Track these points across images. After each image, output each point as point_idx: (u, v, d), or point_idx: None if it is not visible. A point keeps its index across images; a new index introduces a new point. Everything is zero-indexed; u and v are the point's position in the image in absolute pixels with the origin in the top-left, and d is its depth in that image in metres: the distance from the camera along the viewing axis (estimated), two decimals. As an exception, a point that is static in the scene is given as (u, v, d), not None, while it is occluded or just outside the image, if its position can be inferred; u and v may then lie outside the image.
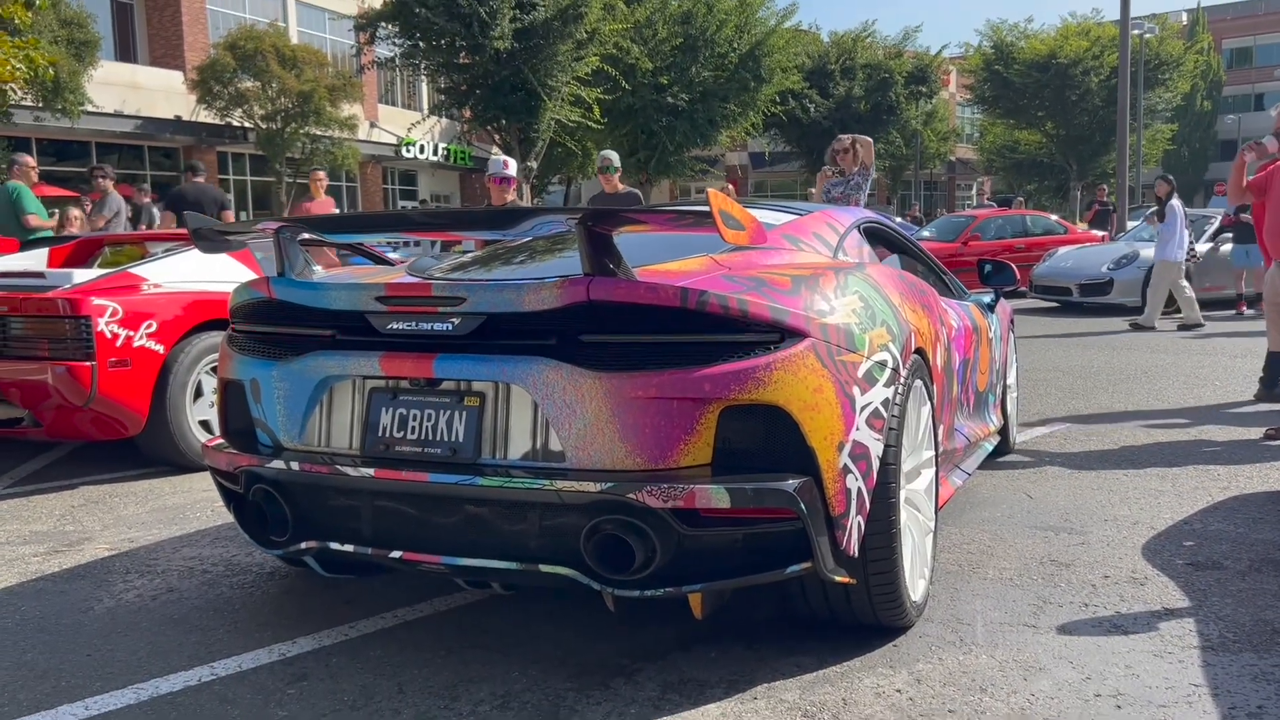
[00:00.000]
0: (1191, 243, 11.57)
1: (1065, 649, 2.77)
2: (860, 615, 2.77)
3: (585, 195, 40.58)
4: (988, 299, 4.99)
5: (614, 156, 8.04)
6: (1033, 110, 35.41)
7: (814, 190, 8.40)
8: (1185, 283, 11.32)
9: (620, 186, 7.97)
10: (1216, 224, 13.37)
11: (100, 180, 9.73)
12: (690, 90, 23.87)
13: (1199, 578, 3.32)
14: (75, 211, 9.79)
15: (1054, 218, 18.43)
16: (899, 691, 2.54)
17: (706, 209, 2.37)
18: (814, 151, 33.97)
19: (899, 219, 24.18)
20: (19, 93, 17.16)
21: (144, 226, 11.42)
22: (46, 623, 3.12)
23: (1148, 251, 12.96)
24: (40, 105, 19.58)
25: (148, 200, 13.18)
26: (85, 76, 20.20)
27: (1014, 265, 5.08)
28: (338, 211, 10.12)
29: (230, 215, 9.72)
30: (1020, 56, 34.70)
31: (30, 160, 9.18)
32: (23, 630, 3.06)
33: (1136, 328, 11.25)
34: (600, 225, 2.48)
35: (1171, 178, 11.80)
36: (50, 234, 8.78)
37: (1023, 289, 14.38)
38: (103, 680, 2.69)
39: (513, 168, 7.58)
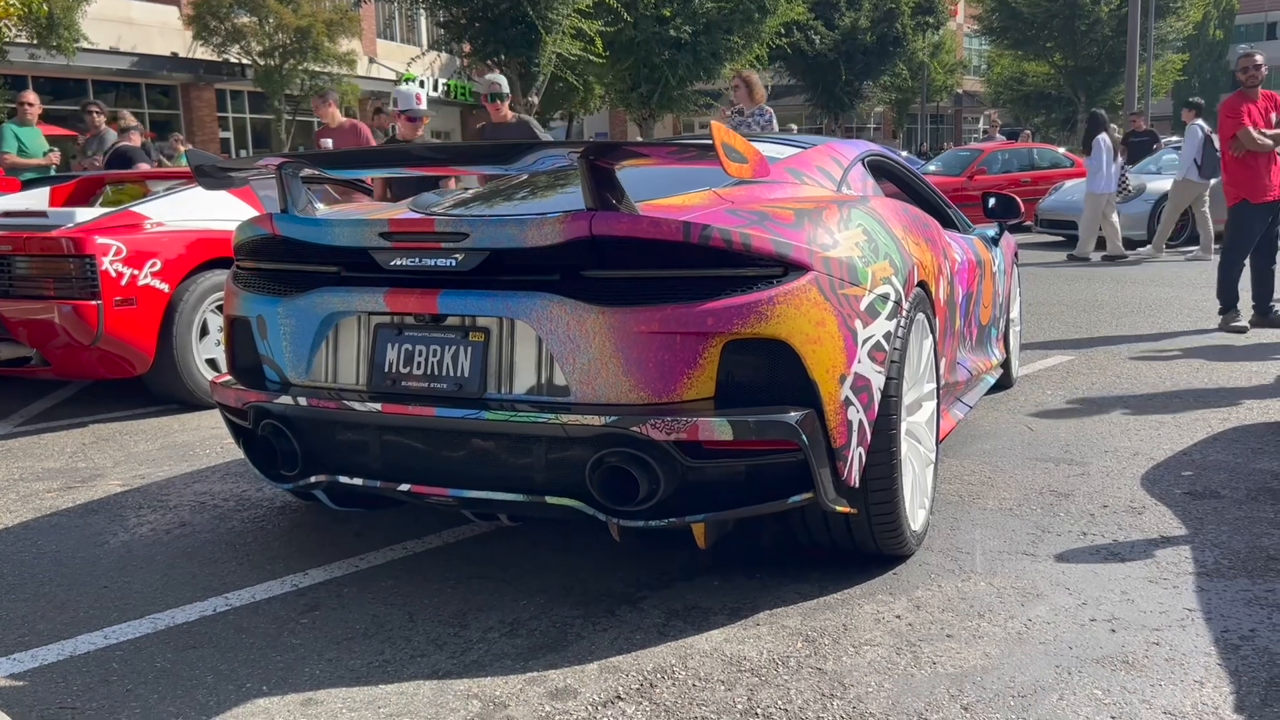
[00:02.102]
0: (1124, 175, 11.79)
1: (1062, 576, 2.82)
2: (861, 544, 2.82)
3: (588, 130, 40.13)
4: (992, 233, 4.98)
5: (501, 82, 7.05)
6: (1041, 41, 34.80)
7: None
8: (1114, 216, 11.65)
9: (510, 115, 7.08)
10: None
11: (95, 116, 9.60)
12: (693, 22, 23.45)
13: (1196, 506, 3.37)
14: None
15: (1061, 150, 18.25)
16: (898, 617, 2.59)
17: (709, 142, 2.37)
18: (819, 85, 33.54)
19: (904, 153, 23.95)
20: (13, 29, 16.94)
21: (158, 163, 11.30)
22: (63, 556, 3.18)
23: (1155, 184, 12.90)
24: (35, 42, 19.33)
25: (145, 138, 13.06)
26: (79, 12, 19.89)
27: (1019, 199, 5.05)
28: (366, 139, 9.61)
29: None
30: (1029, -15, 34.05)
31: (31, 98, 9.07)
32: (40, 563, 3.13)
33: (1072, 259, 11.69)
34: (603, 159, 2.48)
35: (1101, 113, 12.09)
36: (51, 171, 8.72)
37: (1028, 223, 14.30)
38: (120, 611, 2.75)
39: (425, 102, 6.51)
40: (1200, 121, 11.24)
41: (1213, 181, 11.15)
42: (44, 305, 4.78)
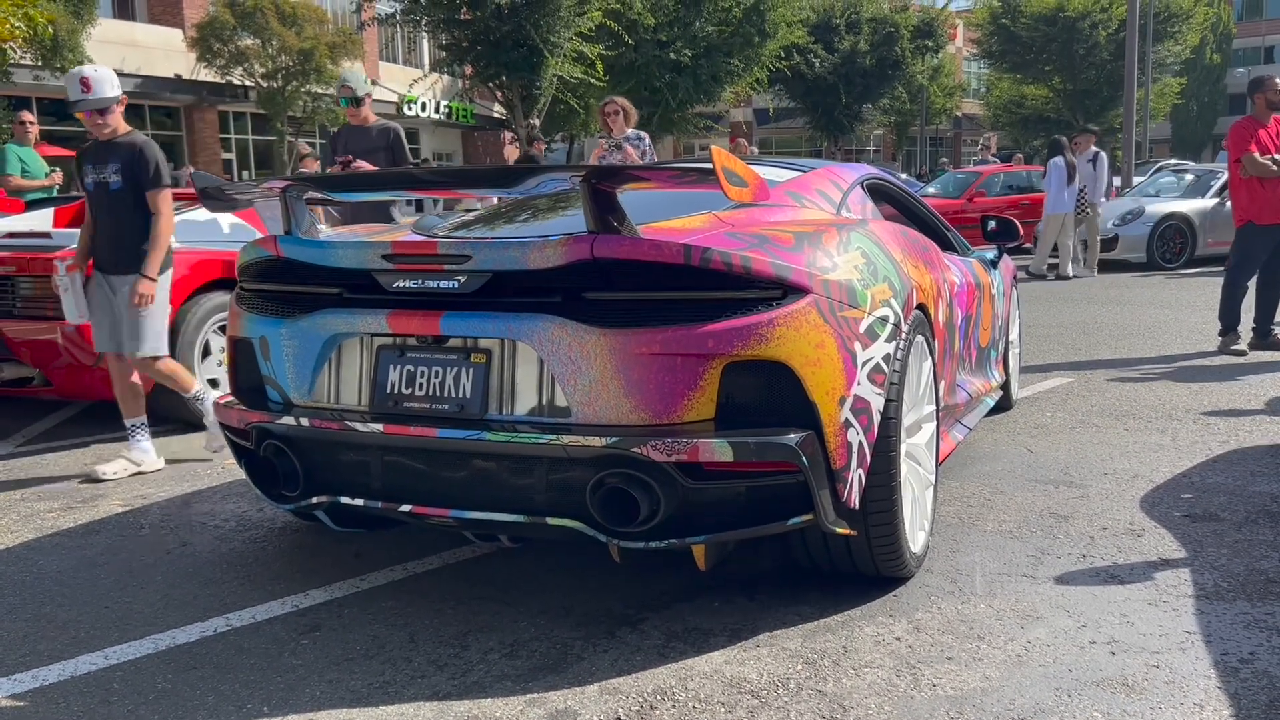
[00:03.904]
0: (1083, 195, 12.17)
1: (1062, 598, 2.82)
2: (861, 566, 2.83)
3: (589, 153, 40.21)
4: (991, 255, 5.01)
5: (354, 85, 5.92)
6: (1040, 64, 35.00)
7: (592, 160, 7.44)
8: (1069, 236, 12.15)
9: (371, 118, 6.15)
10: (1223, 179, 13.31)
11: None
12: (694, 46, 23.61)
13: (1196, 529, 3.37)
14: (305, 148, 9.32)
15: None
16: (898, 639, 2.59)
17: (709, 166, 2.39)
18: (819, 108, 33.68)
19: (904, 175, 24.03)
20: (18, 51, 17.05)
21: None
22: (64, 576, 3.19)
23: (1154, 207, 12.98)
24: (39, 64, 19.45)
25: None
26: (84, 34, 20.04)
27: (1018, 222, 5.09)
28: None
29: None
30: (1027, 9, 34.24)
31: (29, 117, 9.12)
32: (41, 584, 3.13)
33: (1029, 275, 12.25)
34: (604, 183, 2.50)
35: (1060, 138, 12.53)
36: (53, 192, 8.75)
37: (1027, 245, 14.34)
38: (120, 631, 2.76)
39: (106, 86, 4.30)
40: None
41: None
42: (47, 326, 4.80)
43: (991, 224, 4.99)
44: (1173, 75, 38.98)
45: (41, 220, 6.36)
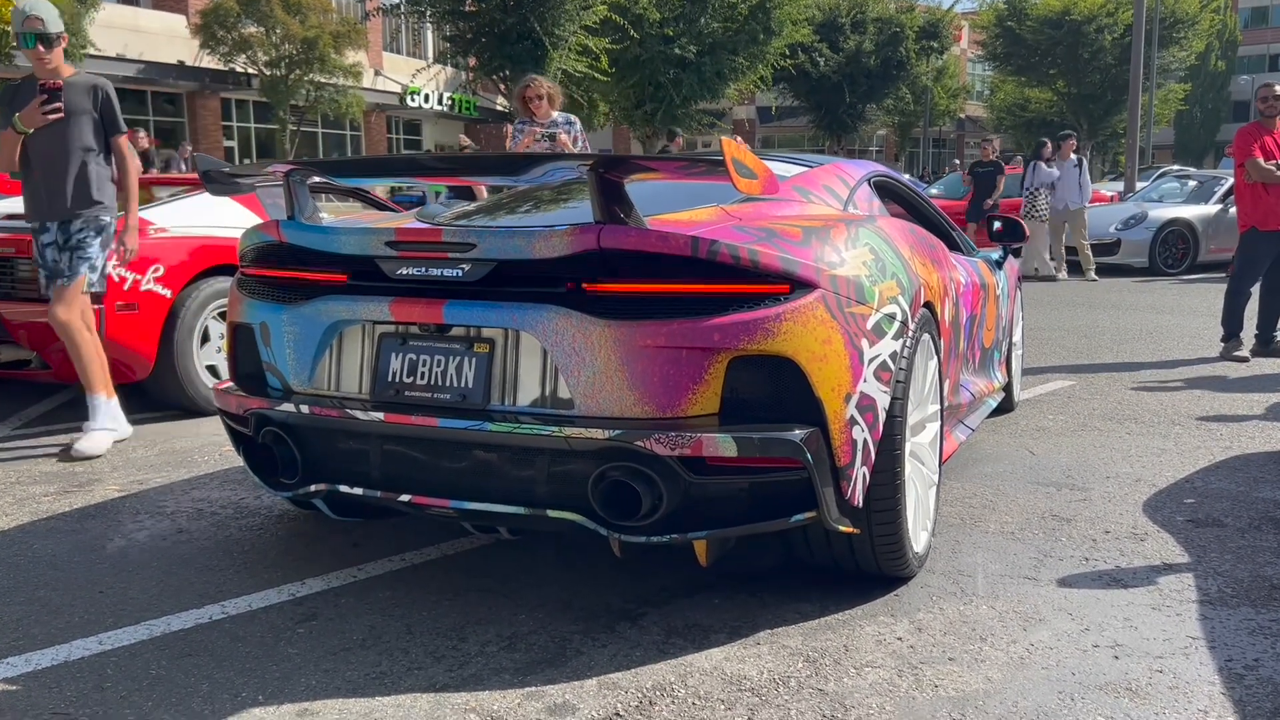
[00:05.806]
0: (1032, 195, 12.47)
1: (1065, 601, 2.80)
2: (863, 565, 2.81)
3: (594, 147, 40.15)
4: (996, 256, 4.98)
5: (44, 10, 4.40)
6: (1044, 68, 34.98)
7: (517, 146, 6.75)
8: (1043, 240, 12.45)
9: (68, 70, 4.57)
10: (1226, 186, 13.30)
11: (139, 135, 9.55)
12: (699, 42, 23.56)
13: (1199, 534, 3.35)
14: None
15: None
16: (900, 639, 2.57)
17: (719, 157, 2.36)
18: (823, 107, 33.65)
19: (907, 176, 23.98)
20: (21, 34, 17.00)
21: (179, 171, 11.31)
22: (59, 560, 3.16)
23: (1156, 212, 12.97)
24: (43, 48, 19.41)
25: (148, 145, 13.09)
26: (87, 19, 19.99)
27: (1023, 223, 5.06)
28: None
29: None
30: (1033, 12, 34.21)
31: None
32: (35, 567, 3.10)
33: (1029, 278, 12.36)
34: (612, 173, 2.48)
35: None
36: None
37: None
38: (115, 617, 2.73)
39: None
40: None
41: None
42: (45, 308, 4.76)
43: (997, 225, 4.97)
44: (1177, 81, 38.98)
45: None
